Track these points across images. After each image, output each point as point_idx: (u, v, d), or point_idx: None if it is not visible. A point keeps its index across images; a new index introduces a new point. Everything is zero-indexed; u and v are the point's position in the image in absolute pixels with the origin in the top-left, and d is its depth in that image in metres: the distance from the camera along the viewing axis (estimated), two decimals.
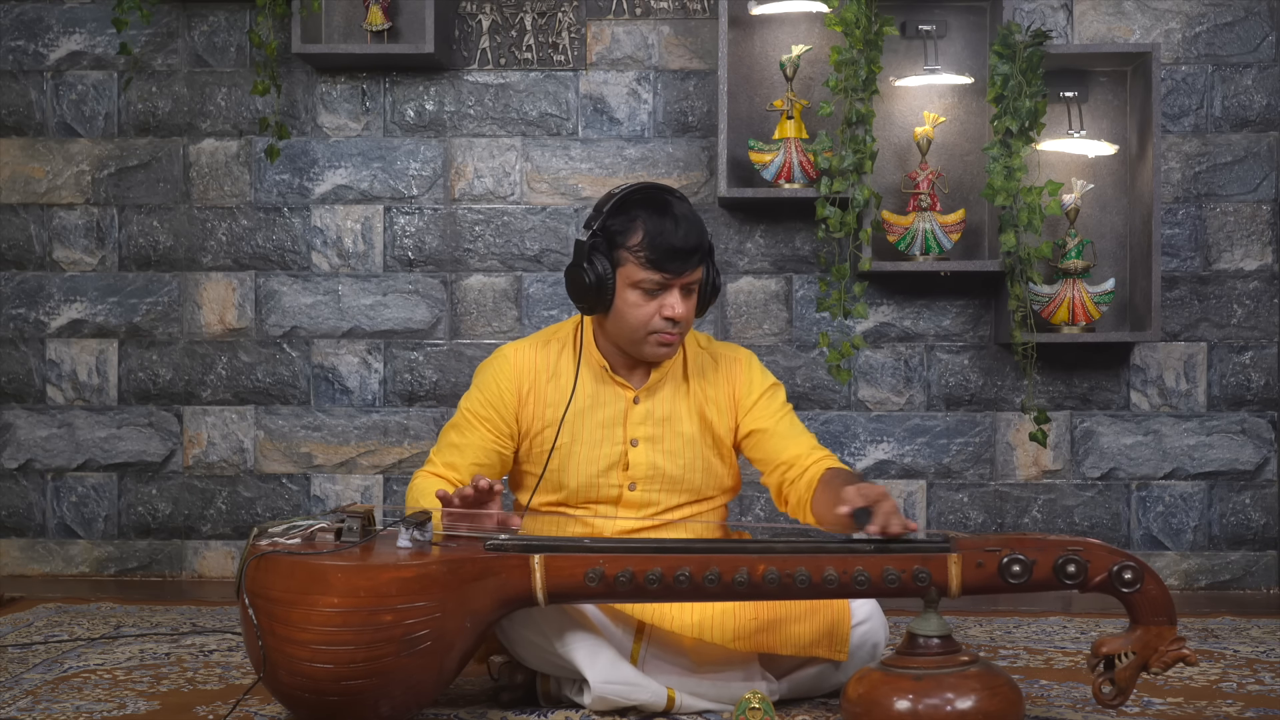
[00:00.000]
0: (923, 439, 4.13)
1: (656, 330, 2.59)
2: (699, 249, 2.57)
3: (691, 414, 2.69)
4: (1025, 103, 3.75)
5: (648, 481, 2.67)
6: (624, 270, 2.58)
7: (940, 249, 3.96)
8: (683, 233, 2.55)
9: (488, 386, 2.69)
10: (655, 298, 2.58)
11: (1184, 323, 4.11)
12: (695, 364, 2.73)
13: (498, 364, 2.71)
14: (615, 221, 2.58)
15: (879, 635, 2.58)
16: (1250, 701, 2.66)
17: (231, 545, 4.20)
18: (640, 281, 2.57)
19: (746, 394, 2.72)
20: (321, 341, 4.19)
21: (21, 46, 4.21)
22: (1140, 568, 2.28)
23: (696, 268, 2.59)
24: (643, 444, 2.66)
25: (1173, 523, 4.11)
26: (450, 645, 2.31)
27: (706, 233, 2.61)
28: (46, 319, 4.21)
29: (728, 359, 2.75)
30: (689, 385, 2.71)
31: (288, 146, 4.16)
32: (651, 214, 2.56)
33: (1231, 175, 4.10)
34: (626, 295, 2.58)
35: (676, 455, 2.68)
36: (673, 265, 2.55)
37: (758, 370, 2.75)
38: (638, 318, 2.58)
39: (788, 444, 2.69)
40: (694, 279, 2.60)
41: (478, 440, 2.67)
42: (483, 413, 2.68)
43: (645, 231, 2.55)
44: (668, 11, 4.16)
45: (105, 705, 2.61)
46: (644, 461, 2.66)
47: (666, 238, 2.54)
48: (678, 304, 2.57)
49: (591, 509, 2.67)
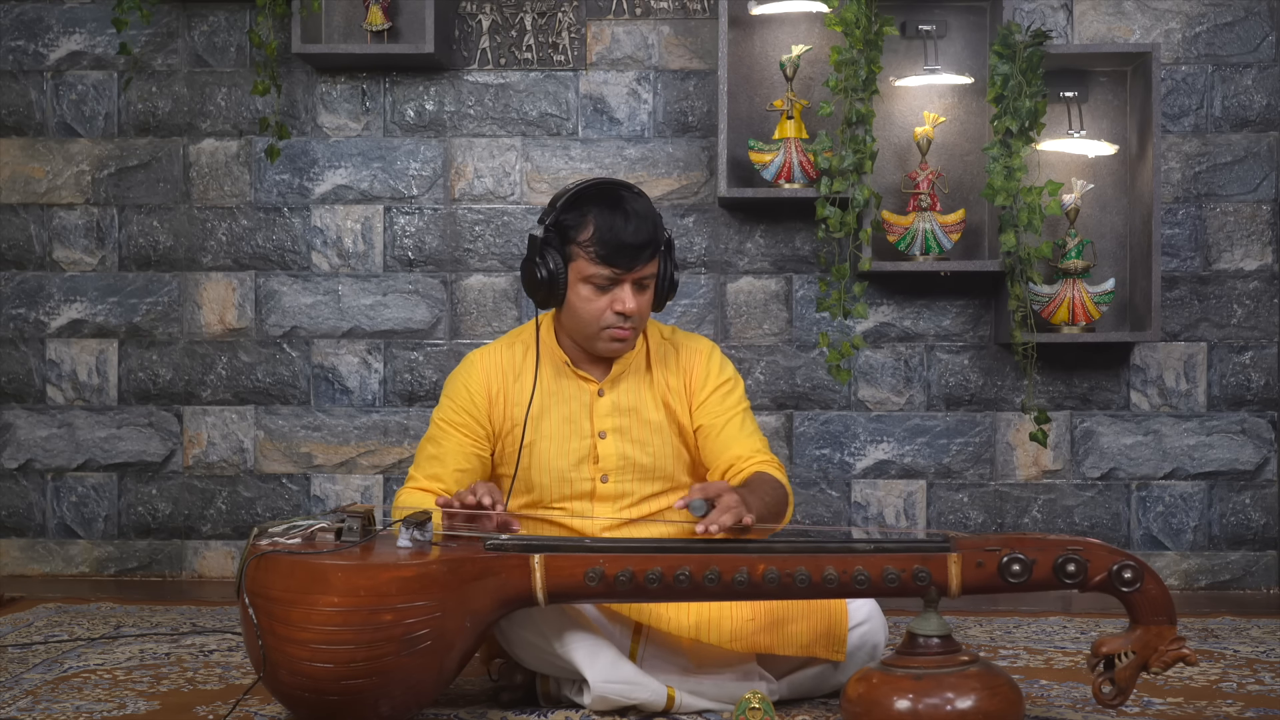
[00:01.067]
0: (923, 439, 4.13)
1: (609, 325, 2.59)
2: (650, 244, 2.57)
3: (656, 403, 2.69)
4: (1025, 103, 3.75)
5: (619, 472, 2.66)
6: (575, 265, 2.58)
7: (940, 249, 3.96)
8: (633, 228, 2.55)
9: (458, 393, 2.69)
10: (607, 293, 2.58)
11: (1184, 323, 4.11)
12: (658, 354, 2.72)
13: (466, 370, 2.71)
14: (568, 216, 2.59)
15: (878, 636, 2.58)
16: (1250, 701, 2.66)
17: (231, 545, 4.20)
18: (591, 276, 2.57)
19: (701, 386, 2.71)
20: (321, 341, 4.19)
21: (21, 46, 4.21)
22: (1140, 567, 2.28)
23: (648, 263, 2.58)
24: (611, 435, 2.66)
25: (1173, 523, 4.11)
26: (450, 645, 2.31)
27: (661, 228, 2.60)
28: (46, 319, 4.21)
29: (689, 349, 2.74)
30: (652, 375, 2.71)
31: (288, 146, 4.16)
32: (603, 209, 2.56)
33: (1231, 175, 4.10)
34: (579, 290, 2.59)
35: (645, 444, 2.67)
36: (622, 260, 2.55)
37: (716, 363, 2.74)
38: (590, 312, 2.59)
39: (730, 445, 2.68)
40: (646, 274, 2.59)
41: (455, 446, 2.67)
42: (456, 419, 2.68)
43: (596, 226, 2.55)
44: (668, 11, 4.16)
45: (105, 705, 2.61)
46: (613, 452, 2.66)
47: (616, 233, 2.54)
48: (629, 299, 2.57)
49: (567, 506, 2.67)
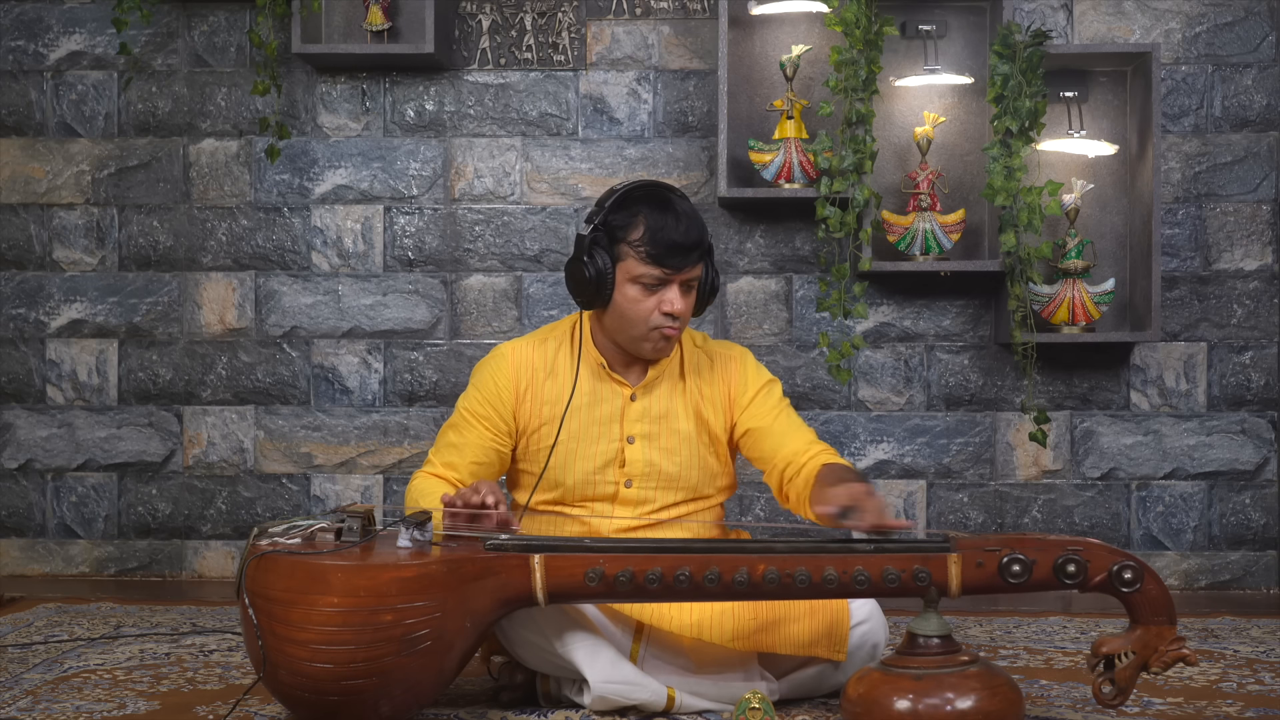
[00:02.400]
0: (923, 439, 4.13)
1: (656, 326, 2.59)
2: (699, 245, 2.58)
3: (688, 412, 2.69)
4: (1025, 103, 3.75)
5: (644, 479, 2.66)
6: (624, 265, 2.58)
7: (940, 249, 3.96)
8: (684, 228, 2.55)
9: (485, 385, 2.69)
10: (655, 293, 2.58)
11: (1184, 323, 4.11)
12: (691, 362, 2.73)
13: (495, 362, 2.71)
14: (617, 216, 2.58)
15: (879, 635, 2.58)
16: (1250, 701, 2.66)
17: (231, 545, 4.20)
18: (640, 276, 2.57)
19: (742, 392, 2.72)
20: (321, 341, 4.19)
21: (21, 46, 4.21)
22: (1140, 567, 2.28)
23: (697, 264, 2.59)
24: (639, 441, 2.66)
25: (1173, 523, 4.11)
26: (450, 645, 2.31)
27: (707, 231, 2.61)
28: (46, 319, 4.21)
29: (723, 357, 2.75)
30: (685, 383, 2.71)
31: (288, 146, 4.16)
32: (653, 209, 2.56)
33: (1231, 175, 4.10)
34: (626, 290, 2.58)
35: (673, 453, 2.68)
36: (673, 260, 2.55)
37: (753, 367, 2.75)
38: (637, 313, 2.59)
39: (785, 440, 2.69)
40: (694, 275, 2.60)
41: (476, 439, 2.67)
42: (481, 411, 2.68)
43: (647, 226, 2.55)
44: (668, 11, 4.15)
45: (105, 705, 2.61)
46: (640, 459, 2.66)
47: (668, 233, 2.54)
48: (677, 299, 2.58)
49: (588, 507, 2.68)
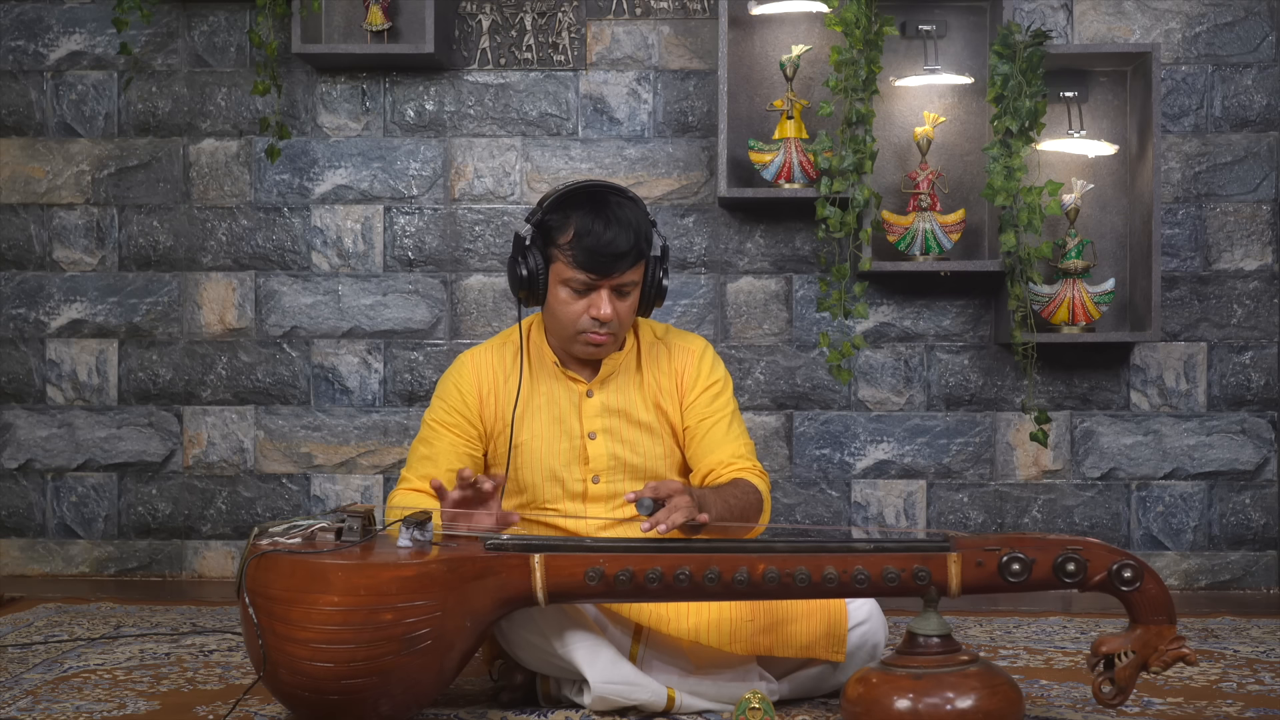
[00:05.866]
0: (923, 439, 4.12)
1: (583, 330, 2.58)
2: (630, 252, 2.54)
3: (646, 404, 2.68)
4: (1025, 103, 3.75)
5: (610, 473, 2.66)
6: (555, 267, 2.58)
7: (940, 249, 3.96)
8: (611, 235, 2.53)
9: (449, 394, 2.69)
10: (584, 297, 2.57)
11: (1184, 323, 4.11)
12: (650, 354, 2.71)
13: (456, 371, 2.71)
14: (552, 217, 2.58)
15: (878, 636, 2.58)
16: (1250, 701, 2.66)
17: (231, 545, 4.20)
18: (569, 280, 2.56)
19: (691, 387, 2.70)
20: (321, 341, 4.19)
21: (21, 46, 4.21)
22: (1140, 567, 2.28)
23: (628, 270, 2.56)
24: (600, 436, 2.66)
25: (1173, 523, 4.11)
26: (450, 645, 2.31)
27: (644, 237, 2.57)
28: (46, 319, 4.21)
29: (681, 349, 2.73)
30: (642, 376, 2.70)
31: (288, 146, 4.16)
32: (587, 213, 2.54)
33: (1231, 175, 4.10)
34: (557, 292, 2.58)
35: (635, 445, 2.67)
36: (599, 267, 2.54)
37: (707, 363, 2.72)
38: (567, 315, 2.58)
39: (714, 449, 2.67)
40: (625, 281, 2.57)
41: (447, 446, 2.66)
42: (448, 419, 2.67)
43: (576, 230, 2.54)
44: (668, 11, 4.16)
45: (105, 705, 2.61)
46: (604, 453, 2.65)
47: (595, 238, 2.52)
48: (605, 305, 2.56)
49: (559, 507, 2.67)
